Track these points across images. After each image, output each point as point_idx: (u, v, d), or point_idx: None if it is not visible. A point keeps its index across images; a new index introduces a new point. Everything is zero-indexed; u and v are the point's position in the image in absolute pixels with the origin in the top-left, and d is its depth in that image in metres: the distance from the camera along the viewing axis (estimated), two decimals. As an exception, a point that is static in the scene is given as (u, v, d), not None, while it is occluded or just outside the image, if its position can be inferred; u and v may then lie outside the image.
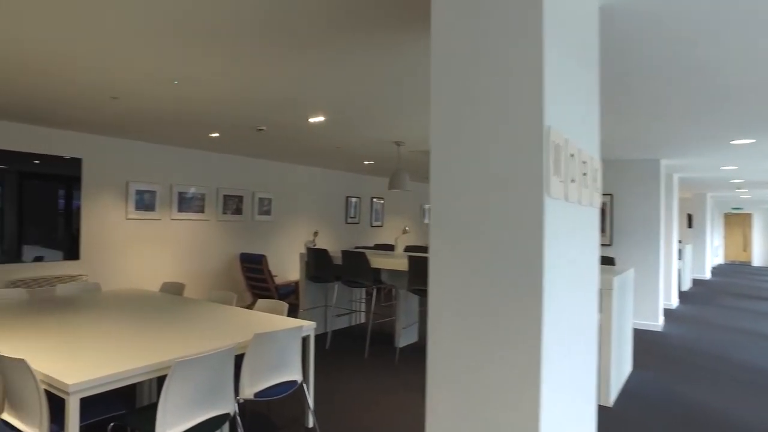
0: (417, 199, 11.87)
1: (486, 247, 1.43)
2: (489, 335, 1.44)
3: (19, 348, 2.47)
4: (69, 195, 5.59)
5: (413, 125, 4.81)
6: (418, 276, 4.83)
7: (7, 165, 5.12)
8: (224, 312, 3.47)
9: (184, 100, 3.92)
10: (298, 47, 2.68)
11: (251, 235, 7.68)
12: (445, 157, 1.54)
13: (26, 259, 5.26)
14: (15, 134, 5.14)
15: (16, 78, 3.37)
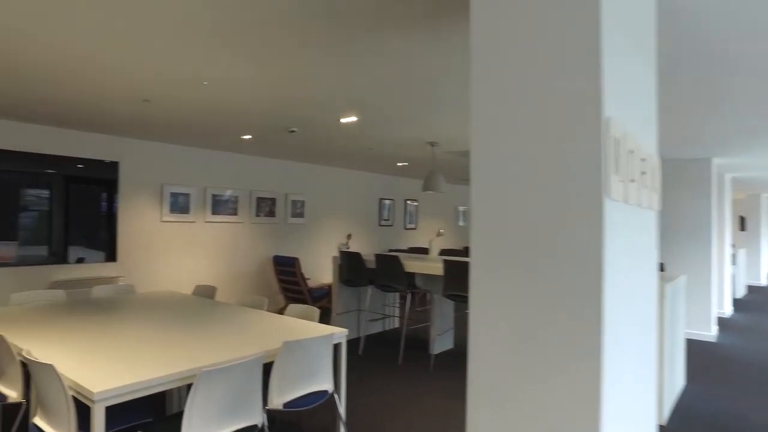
0: (451, 201, 11.66)
1: (536, 255, 1.26)
2: (540, 349, 1.27)
3: (51, 351, 2.44)
4: (109, 198, 5.68)
5: (448, 125, 4.65)
6: (454, 281, 4.66)
7: (55, 169, 5.23)
8: (254, 317, 3.40)
9: (214, 101, 3.89)
10: (328, 44, 2.57)
11: (284, 238, 7.67)
12: (488, 155, 1.39)
13: (71, 260, 5.36)
14: (60, 139, 5.25)
15: (56, 83, 3.39)
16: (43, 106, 4.17)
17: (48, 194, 5.26)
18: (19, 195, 5.04)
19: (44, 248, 5.19)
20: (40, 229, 5.16)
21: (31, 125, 5.06)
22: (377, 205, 9.48)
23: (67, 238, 5.38)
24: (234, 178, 6.94)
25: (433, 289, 5.37)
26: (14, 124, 4.96)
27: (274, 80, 3.27)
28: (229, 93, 3.63)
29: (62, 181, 5.34)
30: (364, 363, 5.02)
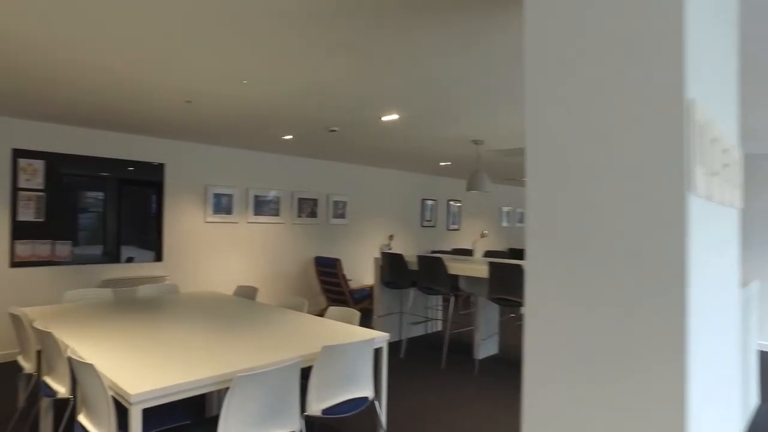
0: (495, 202, 11.37)
1: (608, 256, 1.10)
2: (613, 356, 1.11)
3: (94, 349, 2.44)
4: (158, 199, 5.79)
5: (493, 122, 4.46)
6: (500, 284, 4.47)
7: (109, 172, 5.38)
8: (294, 319, 3.34)
9: (254, 100, 3.86)
10: (369, 40, 2.47)
11: (326, 239, 7.64)
12: (547, 147, 1.23)
13: (122, 260, 5.50)
14: (111, 142, 5.39)
15: (105, 88, 3.45)
16: (94, 110, 4.27)
17: (102, 196, 5.41)
18: (78, 197, 5.20)
19: (97, 248, 5.34)
20: (94, 229, 5.31)
21: (86, 129, 5.22)
22: (419, 205, 9.34)
23: (119, 239, 5.52)
24: (276, 179, 6.96)
25: (478, 292, 5.18)
26: (72, 129, 5.13)
27: (314, 78, 3.20)
28: (268, 92, 3.59)
29: (115, 183, 5.48)
30: (406, 367, 4.89)
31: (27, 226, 4.91)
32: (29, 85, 3.53)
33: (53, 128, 5.05)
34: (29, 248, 4.92)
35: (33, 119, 4.83)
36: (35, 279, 4.96)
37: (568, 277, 1.20)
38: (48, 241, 5.02)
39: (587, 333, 1.17)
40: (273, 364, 2.31)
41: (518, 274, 4.31)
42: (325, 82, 3.31)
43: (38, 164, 4.97)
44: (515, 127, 4.68)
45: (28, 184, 4.92)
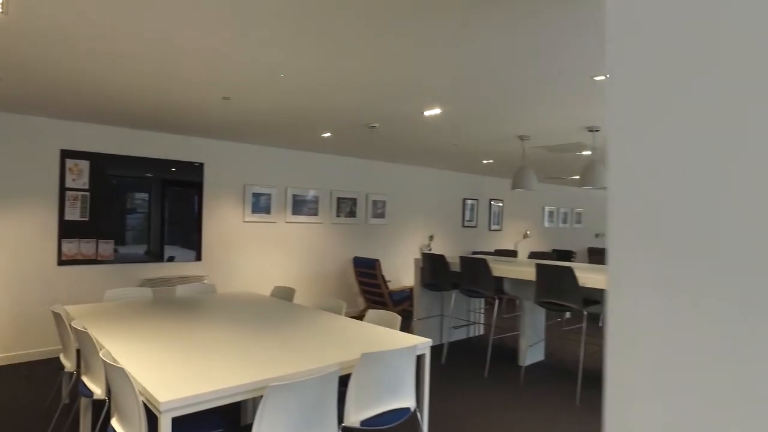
0: (538, 201, 10.97)
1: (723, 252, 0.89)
2: (727, 396, 0.89)
3: (128, 351, 2.38)
4: (198, 199, 5.81)
5: (542, 116, 4.21)
6: (547, 287, 4.21)
7: (150, 172, 5.43)
8: (332, 323, 3.20)
9: (292, 94, 3.76)
10: (410, 30, 2.30)
11: (365, 239, 7.52)
12: (641, 130, 1.02)
13: (161, 259, 5.54)
14: (153, 142, 5.44)
15: (141, 84, 3.42)
16: (134, 109, 4.28)
17: (145, 196, 5.46)
18: (121, 197, 5.26)
19: (139, 247, 5.39)
20: (136, 228, 5.36)
21: (127, 130, 5.28)
22: (460, 205, 9.10)
23: (161, 238, 5.56)
24: (315, 178, 6.89)
25: (523, 296, 4.93)
26: (114, 129, 5.20)
27: (353, 71, 3.06)
28: (306, 86, 3.48)
29: (157, 183, 5.53)
30: (447, 373, 4.69)
31: (73, 225, 4.99)
32: (71, 86, 3.55)
33: (97, 129, 5.12)
34: (75, 247, 5.00)
35: (79, 120, 4.91)
36: (80, 277, 5.04)
37: (661, 292, 0.98)
38: (92, 240, 5.10)
39: (692, 341, 0.95)
40: (309, 372, 2.18)
41: (568, 277, 4.04)
42: (366, 76, 3.16)
43: (83, 164, 5.05)
44: (564, 121, 4.41)
45: (75, 184, 5.00)
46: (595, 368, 4.96)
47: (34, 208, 4.78)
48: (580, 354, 5.19)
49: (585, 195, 12.18)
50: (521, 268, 4.56)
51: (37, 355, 4.84)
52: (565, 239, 11.71)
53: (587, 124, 4.41)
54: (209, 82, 3.39)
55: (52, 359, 4.85)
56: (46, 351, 4.88)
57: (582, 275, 4.02)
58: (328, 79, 3.27)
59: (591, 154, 6.18)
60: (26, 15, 2.32)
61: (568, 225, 11.77)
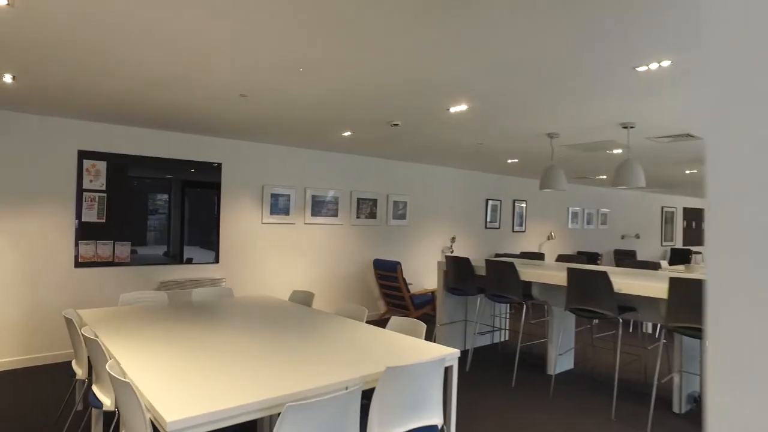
0: (563, 201, 10.65)
1: None
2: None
3: (138, 362, 2.23)
4: (216, 200, 5.71)
5: (574, 111, 3.97)
6: (580, 293, 3.97)
7: (168, 172, 5.33)
8: (353, 330, 3.03)
9: (311, 92, 3.59)
10: (435, 20, 2.11)
11: (385, 241, 7.34)
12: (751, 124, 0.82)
13: (178, 261, 5.44)
14: (170, 143, 5.35)
15: (157, 79, 3.30)
16: (150, 108, 4.17)
17: (163, 198, 5.37)
18: (138, 198, 5.18)
19: (156, 249, 5.30)
20: (153, 230, 5.27)
21: (144, 130, 5.19)
22: (483, 205, 8.85)
23: (180, 240, 5.47)
24: (334, 179, 6.74)
25: (552, 301, 4.69)
26: (131, 130, 5.12)
27: (377, 65, 2.88)
28: (326, 81, 3.31)
29: (177, 184, 5.44)
30: (473, 382, 4.48)
31: (90, 227, 4.92)
32: (86, 85, 3.44)
33: (114, 129, 5.05)
34: (91, 249, 4.92)
35: (96, 120, 4.84)
36: (97, 280, 4.97)
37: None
38: (109, 242, 5.02)
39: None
40: (329, 387, 2.00)
41: (602, 283, 3.80)
42: (387, 69, 2.98)
43: (101, 165, 4.97)
44: (597, 117, 4.16)
45: (92, 185, 4.93)
46: (632, 379, 4.69)
47: (51, 210, 4.72)
48: (615, 364, 4.92)
49: (611, 195, 11.81)
50: (551, 273, 4.32)
51: (52, 358, 4.77)
52: (590, 241, 11.36)
53: (622, 119, 4.15)
54: (226, 78, 3.25)
55: (67, 363, 4.77)
56: (61, 354, 4.81)
57: (617, 281, 3.78)
58: (350, 75, 3.10)
59: (622, 152, 5.90)
60: (36, 9, 2.20)
61: (593, 226, 11.42)
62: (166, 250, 5.39)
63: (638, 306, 4.02)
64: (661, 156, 6.16)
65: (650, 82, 3.06)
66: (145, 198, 5.24)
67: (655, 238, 13.12)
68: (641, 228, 12.71)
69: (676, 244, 13.78)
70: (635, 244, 12.49)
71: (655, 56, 2.60)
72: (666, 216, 13.40)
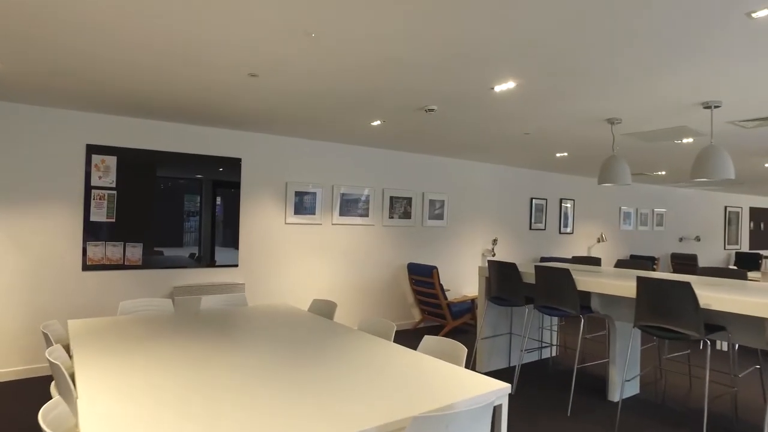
0: (615, 201, 9.77)
1: None
2: None
3: (103, 403, 1.74)
4: (236, 198, 5.27)
5: (643, 88, 3.29)
6: (654, 307, 3.28)
7: (185, 169, 4.93)
8: (376, 353, 2.47)
9: (331, 71, 3.06)
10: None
11: (421, 243, 6.75)
12: None
13: (198, 264, 5.03)
14: (186, 136, 4.94)
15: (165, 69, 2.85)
16: (154, 92, 3.75)
17: (180, 195, 4.98)
18: (151, 195, 4.79)
19: (171, 251, 4.90)
20: (168, 231, 4.88)
21: (156, 122, 4.80)
22: (527, 205, 8.13)
23: (201, 241, 5.06)
24: (365, 175, 6.20)
25: (615, 315, 3.99)
26: (142, 122, 4.73)
27: (406, 34, 2.32)
28: (347, 58, 2.77)
29: (193, 181, 5.05)
30: (521, 407, 3.84)
31: (99, 227, 4.55)
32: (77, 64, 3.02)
33: (125, 122, 4.67)
34: (100, 250, 4.55)
35: (105, 112, 4.46)
36: (106, 284, 4.59)
37: None
38: (119, 243, 4.64)
39: None
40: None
41: (684, 296, 3.10)
42: (423, 39, 2.41)
43: (110, 160, 4.60)
44: (671, 96, 3.46)
45: (101, 182, 4.56)
46: (717, 413, 3.94)
47: (57, 208, 4.37)
48: (704, 393, 4.18)
49: (668, 194, 10.82)
50: (615, 282, 3.64)
51: (60, 369, 4.41)
52: (644, 244, 10.42)
53: (707, 96, 3.43)
54: (232, 55, 2.76)
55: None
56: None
57: (704, 294, 3.07)
58: (374, 45, 2.55)
59: (693, 141, 5.11)
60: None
61: (648, 228, 10.47)
62: (180, 253, 4.98)
63: (728, 324, 3.30)
64: (737, 146, 5.33)
65: (764, 34, 2.36)
66: (158, 196, 4.84)
67: (717, 241, 11.99)
68: (701, 230, 11.63)
69: (741, 248, 12.59)
70: (695, 248, 11.43)
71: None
72: (729, 216, 12.24)
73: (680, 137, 4.87)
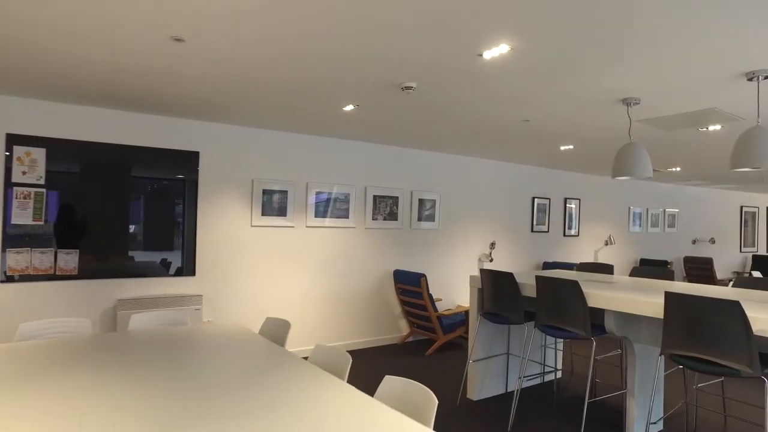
0: (623, 200, 9.05)
1: None
2: None
3: None
4: (193, 197, 4.59)
5: (667, 58, 2.59)
6: (689, 333, 2.57)
7: (131, 164, 4.25)
8: (321, 399, 1.76)
9: (276, 37, 2.37)
10: None
11: (409, 248, 6.04)
12: None
13: (145, 274, 4.34)
14: (132, 125, 4.27)
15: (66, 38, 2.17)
16: (83, 67, 3.07)
17: (123, 194, 4.32)
18: (88, 194, 4.12)
19: (113, 258, 4.22)
20: (112, 235, 4.19)
21: (97, 109, 4.12)
22: (529, 205, 7.42)
23: (150, 247, 4.39)
24: (345, 172, 5.51)
25: (634, 337, 3.28)
26: (75, 109, 4.05)
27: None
28: (296, 13, 2.08)
29: (140, 177, 4.39)
30: (520, 452, 3.13)
31: (23, 231, 3.87)
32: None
33: (56, 108, 3.99)
34: (25, 258, 3.87)
35: (31, 96, 3.79)
36: (32, 297, 3.91)
37: None
38: (49, 250, 3.96)
39: None
40: None
41: (730, 318, 2.39)
42: None
43: (38, 153, 3.93)
44: (705, 66, 2.76)
45: (26, 178, 3.88)
46: (753, 452, 3.22)
47: (-30, 209, 3.69)
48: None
49: (680, 193, 10.08)
50: (634, 297, 2.94)
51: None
52: (655, 246, 9.68)
53: (749, 67, 2.73)
54: (152, 21, 2.08)
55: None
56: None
57: (757, 316, 2.37)
58: (330, 12, 1.86)
59: (720, 128, 4.41)
60: None
61: (659, 229, 9.73)
62: (125, 260, 4.31)
63: (784, 354, 2.58)
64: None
65: None
66: (98, 194, 4.16)
67: (732, 244, 11.24)
68: (716, 231, 10.88)
69: (758, 251, 11.82)
70: (710, 250, 10.68)
71: None
72: (745, 217, 11.49)
73: (706, 123, 4.15)
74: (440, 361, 5.08)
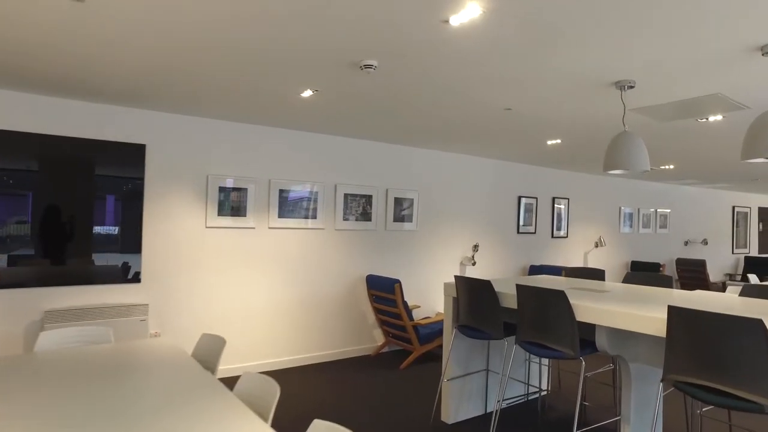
0: (614, 200, 8.66)
1: None
2: None
3: None
4: (138, 195, 4.10)
5: (670, 34, 2.16)
6: (698, 356, 2.13)
7: (65, 157, 3.75)
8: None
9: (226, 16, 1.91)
10: None
11: (384, 250, 5.58)
12: None
13: (75, 282, 3.84)
14: (65, 112, 3.77)
15: None
16: None
17: (52, 191, 3.84)
18: (20, 193, 3.62)
19: (38, 263, 3.71)
20: (40, 237, 3.69)
21: (19, 94, 3.62)
22: (515, 205, 6.99)
23: (80, 250, 3.89)
24: (312, 168, 5.03)
25: (630, 356, 2.85)
26: (8, 95, 3.55)
27: None
28: None
29: (76, 172, 3.90)
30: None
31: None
32: None
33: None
34: (-69, 265, 3.36)
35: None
36: (-59, 310, 3.40)
37: None
38: (-39, 255, 3.45)
39: None
40: None
41: (753, 339, 1.96)
42: None
43: (-51, 143, 3.41)
44: (712, 41, 2.33)
45: (-66, 172, 3.37)
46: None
47: None
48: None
49: (673, 193, 9.73)
50: (630, 311, 2.50)
51: None
52: (645, 248, 9.31)
53: (765, 38, 2.30)
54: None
55: None
56: None
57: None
58: None
59: (722, 119, 4.00)
60: None
61: (650, 230, 9.37)
62: (55, 266, 3.81)
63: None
64: None
65: None
66: (23, 191, 3.66)
67: (724, 245, 10.91)
68: (708, 232, 10.54)
69: (749, 252, 11.51)
70: (702, 252, 10.34)
71: None
72: (737, 218, 11.17)
73: (707, 113, 3.74)
74: (415, 376, 4.62)
